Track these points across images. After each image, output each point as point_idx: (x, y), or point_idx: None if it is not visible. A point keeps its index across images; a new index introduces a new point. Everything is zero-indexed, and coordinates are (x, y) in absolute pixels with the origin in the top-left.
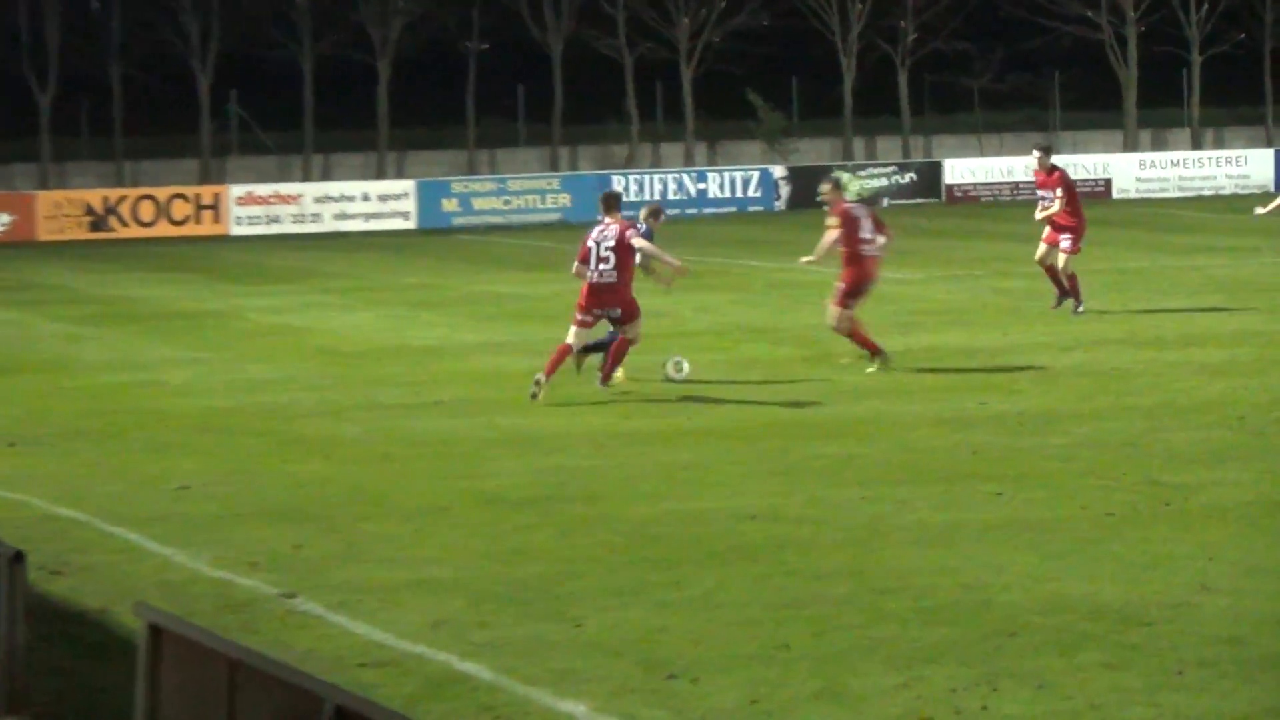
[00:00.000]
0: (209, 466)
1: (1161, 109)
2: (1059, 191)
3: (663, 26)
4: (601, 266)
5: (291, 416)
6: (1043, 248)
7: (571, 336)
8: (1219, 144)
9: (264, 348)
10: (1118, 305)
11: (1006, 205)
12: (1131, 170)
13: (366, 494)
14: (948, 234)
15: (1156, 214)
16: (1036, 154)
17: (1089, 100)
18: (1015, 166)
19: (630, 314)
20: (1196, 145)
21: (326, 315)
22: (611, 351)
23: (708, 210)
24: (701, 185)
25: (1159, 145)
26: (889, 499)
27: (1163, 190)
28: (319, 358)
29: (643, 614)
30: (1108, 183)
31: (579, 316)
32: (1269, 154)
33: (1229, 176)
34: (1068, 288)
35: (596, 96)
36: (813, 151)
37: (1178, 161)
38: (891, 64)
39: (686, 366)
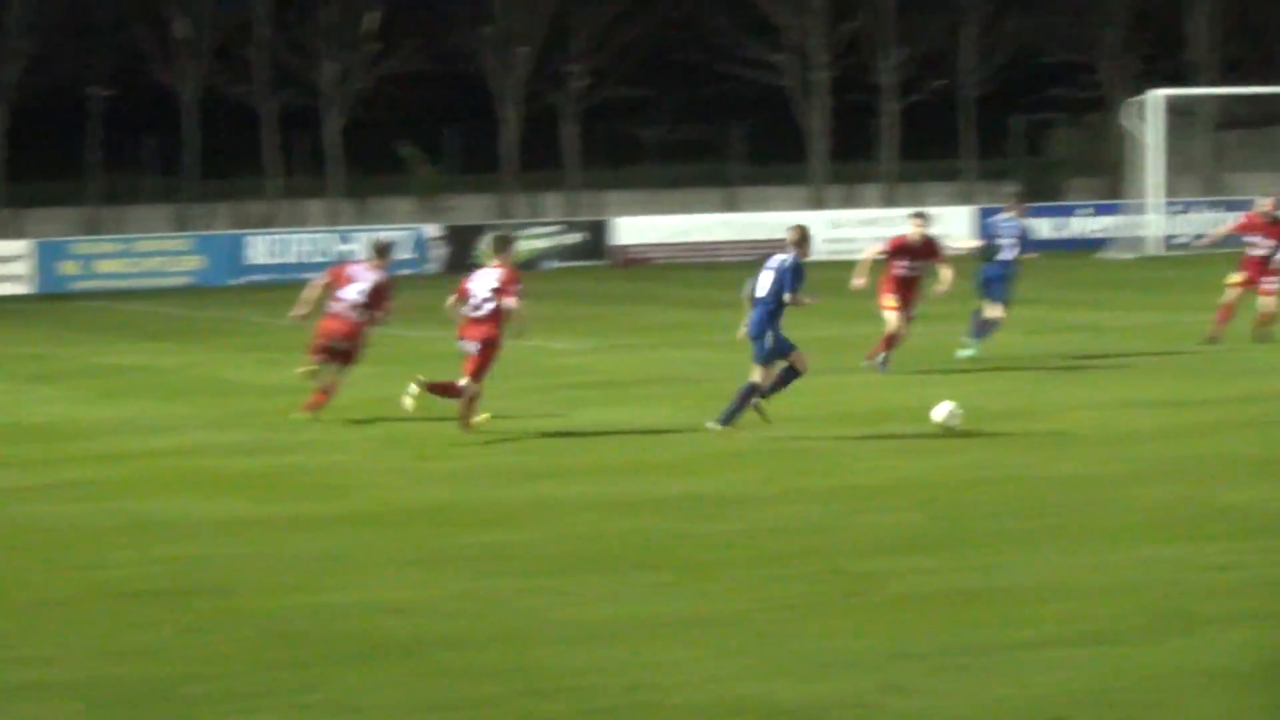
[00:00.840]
0: None
1: (852, 162)
2: None
3: (306, 71)
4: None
5: None
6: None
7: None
8: (914, 201)
9: None
10: (801, 379)
11: (682, 267)
12: (818, 229)
13: None
14: (618, 299)
15: (844, 277)
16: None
17: (773, 152)
18: (690, 225)
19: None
20: (890, 202)
21: None
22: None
23: None
24: (347, 246)
25: (849, 201)
26: (548, 591)
27: (854, 250)
28: None
29: (275, 719)
30: None
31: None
32: (966, 212)
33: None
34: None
35: (233, 148)
36: (471, 209)
37: (869, 220)
38: (558, 113)
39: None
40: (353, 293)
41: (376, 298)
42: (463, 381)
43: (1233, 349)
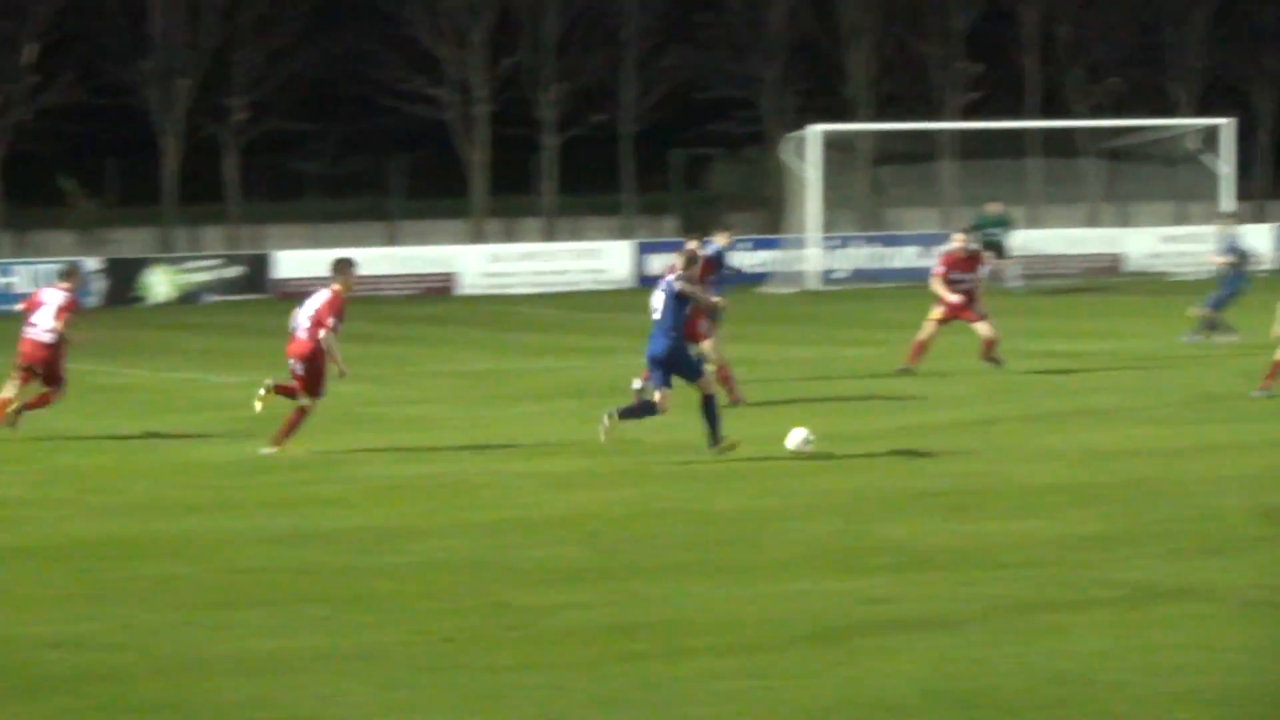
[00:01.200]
0: None
1: (513, 196)
2: None
3: None
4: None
5: None
6: None
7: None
8: (574, 235)
9: None
10: (462, 410)
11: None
12: (478, 263)
13: None
14: (278, 332)
15: (505, 311)
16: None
17: (434, 186)
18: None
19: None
20: (550, 236)
21: None
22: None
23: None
24: (8, 279)
25: (509, 235)
26: (212, 624)
27: (512, 285)
28: None
29: None
30: (451, 277)
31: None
32: (626, 246)
33: (584, 271)
34: None
35: None
36: (131, 241)
37: (529, 254)
38: (219, 146)
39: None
40: (42, 315)
41: (59, 314)
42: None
43: (891, 382)
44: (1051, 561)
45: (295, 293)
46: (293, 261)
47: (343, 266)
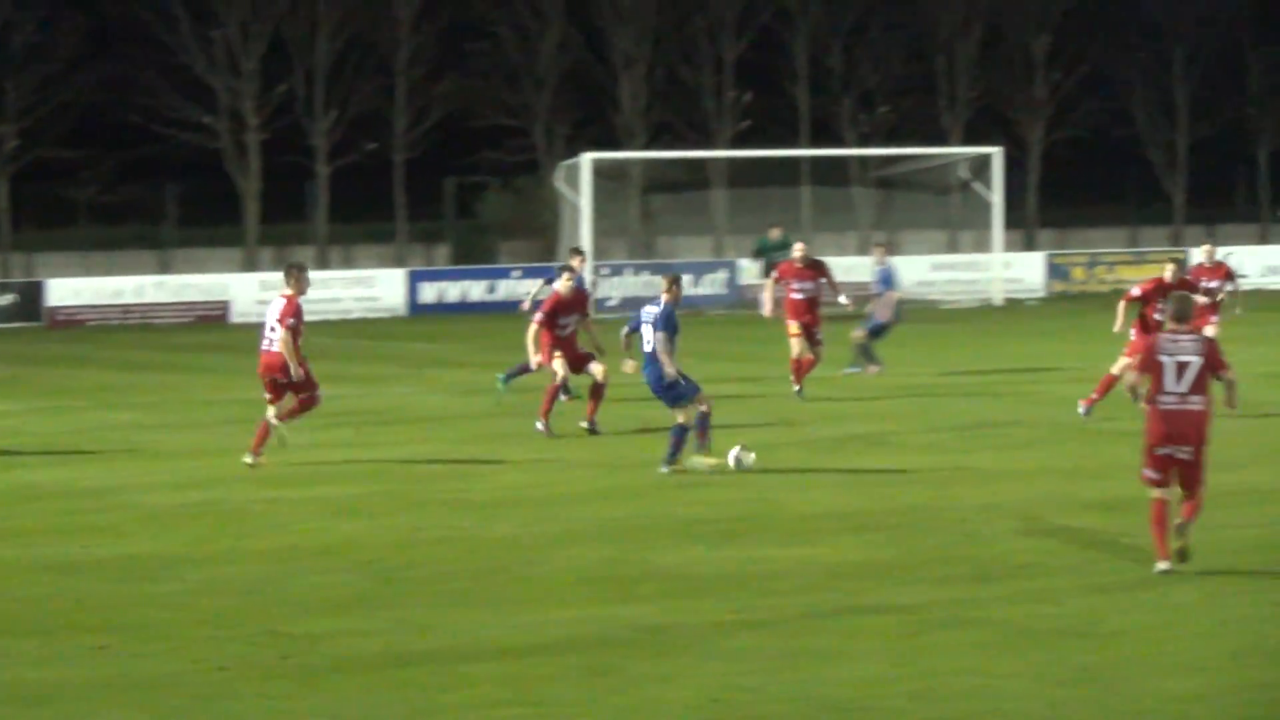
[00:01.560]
0: None
1: (286, 224)
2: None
3: None
4: (271, 335)
5: None
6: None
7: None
8: (347, 263)
9: None
10: (237, 439)
11: (115, 329)
12: (251, 291)
13: None
14: (50, 361)
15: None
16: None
17: (207, 214)
18: (124, 286)
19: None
20: (323, 264)
21: None
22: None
23: None
24: None
25: (282, 264)
26: None
27: None
28: None
29: None
30: (225, 305)
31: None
32: (400, 274)
33: (357, 299)
34: None
35: None
36: None
37: None
38: None
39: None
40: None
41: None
42: (270, 412)
43: (662, 410)
44: (825, 588)
45: (67, 321)
46: (65, 289)
47: (293, 272)
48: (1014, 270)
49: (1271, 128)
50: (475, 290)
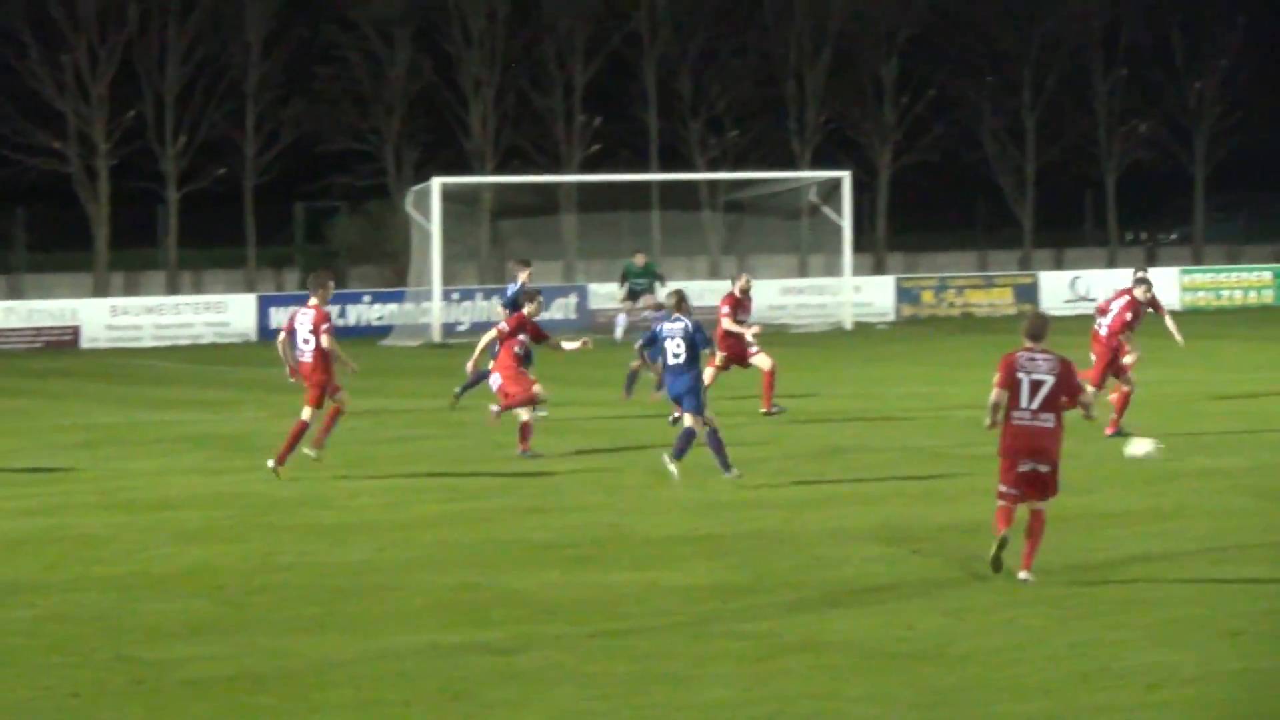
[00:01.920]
0: None
1: (136, 250)
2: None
3: None
4: (304, 346)
5: None
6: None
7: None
8: (198, 288)
9: None
10: (87, 464)
11: None
12: (102, 317)
13: None
14: None
15: (130, 364)
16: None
17: (57, 240)
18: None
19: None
20: (174, 290)
21: None
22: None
23: None
24: None
25: (132, 289)
26: None
27: (136, 339)
28: None
29: None
30: (76, 330)
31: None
32: (251, 299)
33: (208, 324)
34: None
35: None
36: None
37: (153, 308)
38: None
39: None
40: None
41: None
42: (305, 413)
43: (506, 433)
44: (676, 613)
45: None
46: None
47: (318, 281)
48: (864, 294)
49: (1119, 152)
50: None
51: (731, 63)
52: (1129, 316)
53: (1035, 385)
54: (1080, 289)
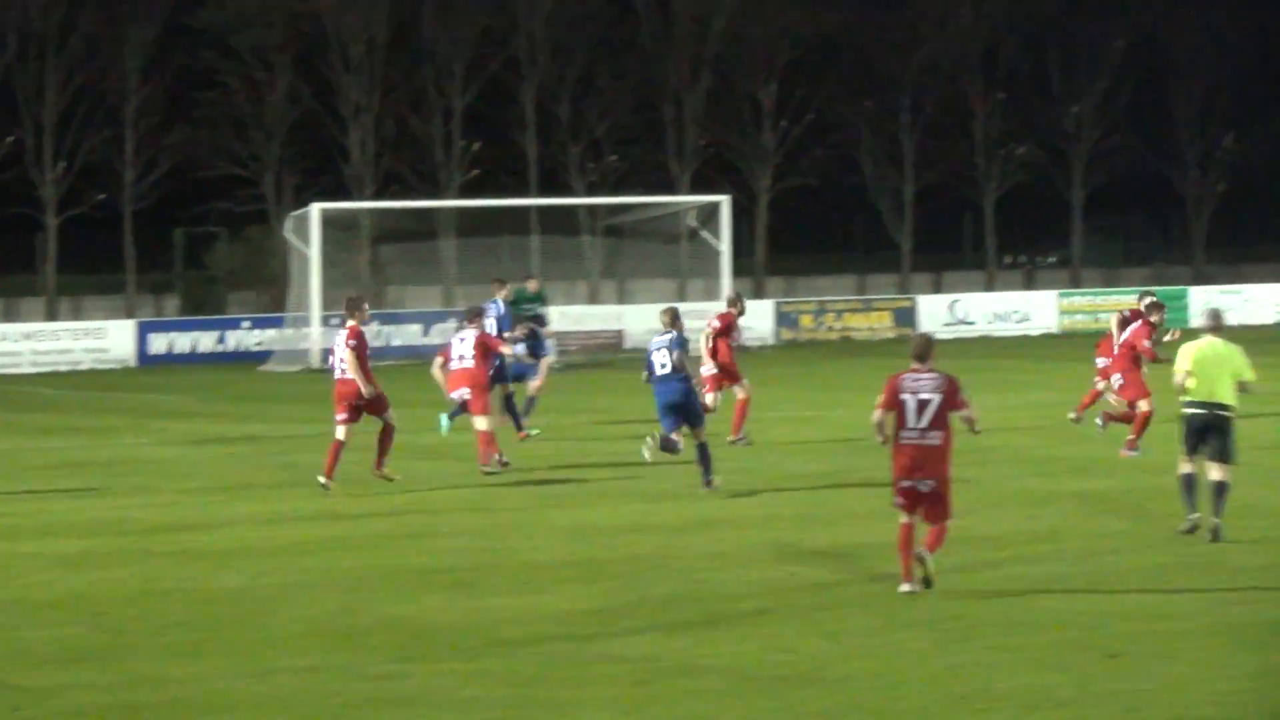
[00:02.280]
0: None
1: (14, 275)
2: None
3: None
4: (341, 365)
5: None
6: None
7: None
8: (76, 314)
9: None
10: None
11: None
12: None
13: None
14: None
15: (7, 391)
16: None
17: None
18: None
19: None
20: (52, 316)
21: None
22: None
23: None
24: None
25: (10, 315)
26: None
27: (15, 365)
28: None
29: None
30: None
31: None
32: (130, 325)
33: (87, 350)
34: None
35: None
36: None
37: (31, 334)
38: None
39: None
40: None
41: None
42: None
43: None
44: (554, 637)
45: None
46: None
47: (353, 304)
48: (743, 318)
49: (997, 175)
50: (205, 341)
51: (611, 87)
52: (1146, 343)
53: (922, 405)
54: (959, 312)
